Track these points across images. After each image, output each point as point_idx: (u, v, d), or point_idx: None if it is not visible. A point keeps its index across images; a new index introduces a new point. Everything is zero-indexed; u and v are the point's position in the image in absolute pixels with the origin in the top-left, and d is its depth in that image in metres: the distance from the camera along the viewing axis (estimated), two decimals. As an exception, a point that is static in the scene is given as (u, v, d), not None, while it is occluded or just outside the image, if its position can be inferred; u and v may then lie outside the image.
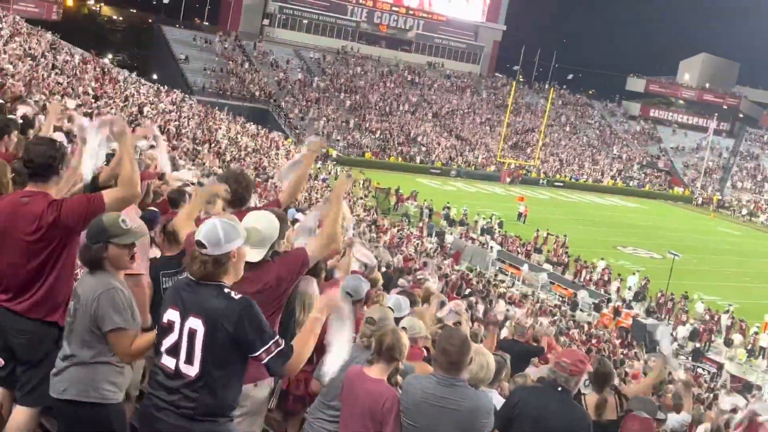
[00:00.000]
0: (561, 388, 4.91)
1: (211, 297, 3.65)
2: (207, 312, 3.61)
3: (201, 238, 3.70)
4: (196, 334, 3.60)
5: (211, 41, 71.31)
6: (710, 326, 31.40)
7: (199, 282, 3.70)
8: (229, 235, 3.73)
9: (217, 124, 41.58)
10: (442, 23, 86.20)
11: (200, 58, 68.11)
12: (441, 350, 4.33)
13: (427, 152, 66.60)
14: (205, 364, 3.61)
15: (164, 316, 3.74)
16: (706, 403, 15.76)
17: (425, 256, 29.10)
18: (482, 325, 11.12)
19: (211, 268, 3.68)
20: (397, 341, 4.54)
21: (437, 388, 4.29)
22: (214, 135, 36.67)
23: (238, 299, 3.64)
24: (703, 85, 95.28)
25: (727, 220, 66.83)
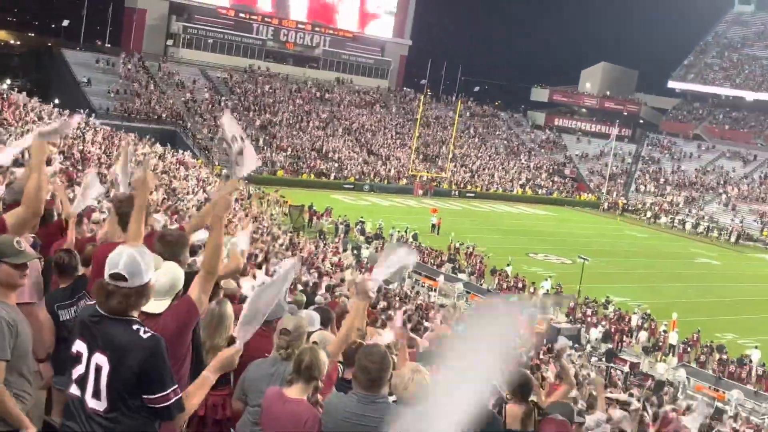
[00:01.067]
0: None
1: (120, 333, 3.49)
2: (113, 348, 3.47)
3: (121, 271, 3.51)
4: (102, 370, 3.48)
5: (114, 63, 69.86)
6: (622, 327, 32.22)
7: (109, 316, 3.52)
8: (148, 264, 3.61)
9: (123, 147, 40.72)
10: (349, 39, 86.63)
11: (103, 81, 66.62)
12: (360, 368, 4.24)
13: (339, 168, 66.66)
14: (113, 402, 3.49)
15: (73, 346, 3.59)
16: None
17: (342, 272, 29.06)
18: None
19: (133, 300, 3.53)
20: (315, 359, 4.48)
21: (358, 406, 4.22)
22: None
23: (148, 337, 3.50)
24: (604, 93, 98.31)
25: (632, 223, 68.91)
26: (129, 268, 3.52)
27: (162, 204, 25.77)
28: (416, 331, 15.50)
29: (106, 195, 13.65)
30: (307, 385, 4.46)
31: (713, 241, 63.59)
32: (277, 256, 25.03)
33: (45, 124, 27.72)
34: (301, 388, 4.44)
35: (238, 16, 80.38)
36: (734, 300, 40.29)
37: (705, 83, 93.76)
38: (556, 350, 9.80)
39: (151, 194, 5.29)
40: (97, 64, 68.86)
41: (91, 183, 7.07)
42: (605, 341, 30.95)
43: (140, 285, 3.54)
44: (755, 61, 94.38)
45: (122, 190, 5.55)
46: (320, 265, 28.61)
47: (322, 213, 46.47)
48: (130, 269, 3.52)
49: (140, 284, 3.54)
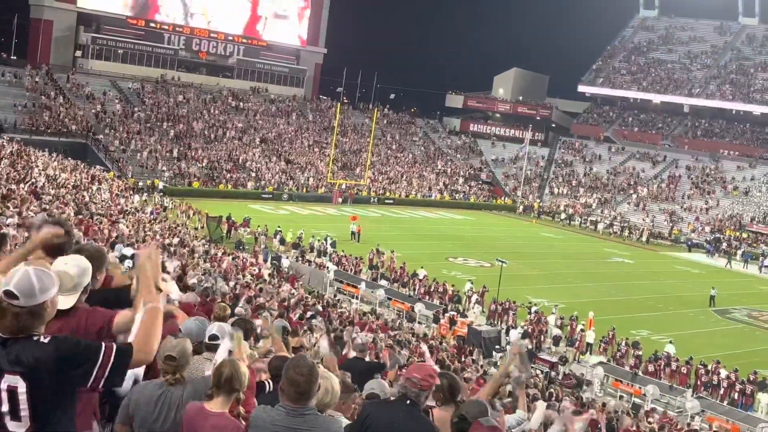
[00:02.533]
0: (410, 401, 4.95)
1: (26, 350, 3.38)
2: (24, 366, 3.35)
3: (12, 288, 3.38)
4: (17, 391, 3.35)
5: (21, 76, 67.75)
6: (539, 327, 32.76)
7: (7, 337, 3.40)
8: (44, 283, 3.45)
9: (32, 161, 39.50)
10: (263, 48, 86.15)
11: (9, 94, 64.53)
12: (289, 380, 4.18)
13: (257, 178, 66.11)
14: (36, 418, 3.38)
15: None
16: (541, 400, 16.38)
17: (263, 283, 28.80)
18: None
19: (25, 321, 3.40)
20: (235, 371, 4.42)
21: (287, 419, 4.16)
22: (30, 173, 34.81)
23: (48, 341, 3.41)
24: (517, 98, 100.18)
25: (548, 225, 70.36)
26: (20, 286, 3.40)
27: (74, 218, 25.10)
28: (339, 339, 15.47)
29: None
30: (229, 398, 4.39)
31: (626, 241, 65.40)
32: (194, 269, 24.66)
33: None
34: (223, 401, 4.38)
35: (148, 26, 79.03)
36: (647, 297, 41.49)
37: (613, 87, 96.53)
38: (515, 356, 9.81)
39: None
40: (3, 77, 66.69)
41: None
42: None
43: (33, 305, 3.42)
44: (660, 65, 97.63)
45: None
46: (240, 277, 28.31)
47: (241, 224, 46.01)
48: (20, 287, 3.39)
49: (33, 304, 3.42)
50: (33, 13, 76.10)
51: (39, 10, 74.91)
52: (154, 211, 43.66)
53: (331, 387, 4.92)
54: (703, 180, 79.23)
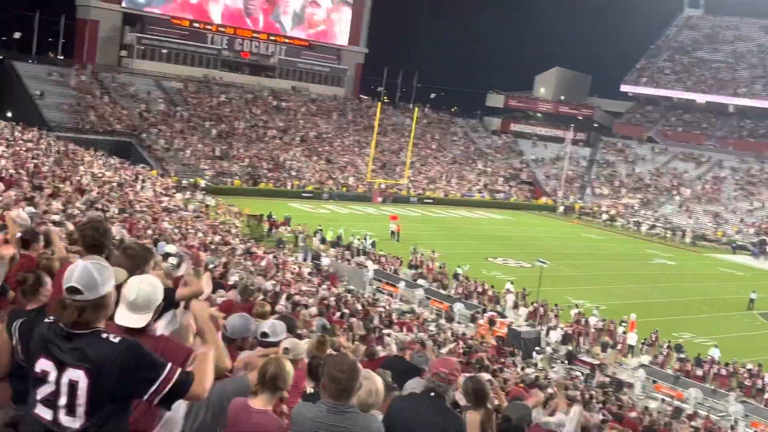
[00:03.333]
0: (434, 394, 4.99)
1: (92, 346, 3.45)
2: (89, 361, 3.41)
3: (75, 284, 3.48)
4: (78, 385, 3.41)
5: (67, 75, 68.92)
6: (581, 329, 32.53)
7: (75, 331, 3.48)
8: (104, 275, 3.55)
9: (78, 160, 40.17)
10: (305, 48, 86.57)
11: (56, 93, 65.69)
12: (330, 378, 4.24)
13: (297, 177, 66.48)
14: (91, 416, 3.44)
15: (36, 365, 3.52)
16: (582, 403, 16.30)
17: (304, 281, 28.98)
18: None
19: (89, 314, 3.49)
20: (280, 370, 4.48)
21: (327, 416, 4.21)
22: (76, 171, 35.39)
23: (119, 341, 3.47)
24: (559, 98, 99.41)
25: (589, 226, 69.73)
26: (82, 281, 3.49)
27: (119, 215, 25.49)
28: (380, 338, 15.56)
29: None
30: (273, 396, 4.46)
31: (668, 242, 64.59)
32: (236, 266, 24.90)
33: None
34: (267, 399, 4.44)
35: (192, 26, 79.85)
36: (691, 299, 40.95)
37: (657, 86, 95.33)
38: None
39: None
40: (50, 76, 67.89)
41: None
42: (565, 343, 31.25)
43: (96, 298, 3.51)
44: (705, 64, 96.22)
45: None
46: (280, 275, 28.50)
47: (281, 222, 46.31)
48: (83, 281, 3.49)
49: (96, 297, 3.51)
50: (80, 14, 77.30)
51: (85, 10, 76.08)
52: (198, 209, 44.12)
53: (375, 388, 4.94)
54: (748, 181, 77.94)
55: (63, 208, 19.65)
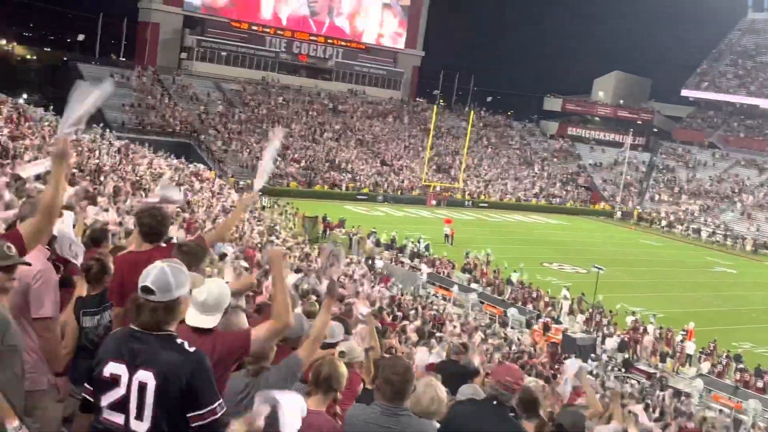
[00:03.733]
0: (496, 401, 4.93)
1: (164, 349, 3.47)
2: (159, 365, 3.43)
3: (149, 284, 3.51)
4: (147, 387, 3.42)
5: (129, 77, 70.31)
6: (637, 337, 32.01)
7: (148, 332, 3.51)
8: (179, 279, 3.58)
9: (138, 159, 40.91)
10: (362, 51, 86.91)
11: (118, 94, 66.91)
12: (384, 379, 4.25)
13: (352, 179, 66.73)
14: (156, 420, 3.44)
15: (105, 369, 3.51)
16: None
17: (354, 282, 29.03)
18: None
19: (161, 316, 3.52)
20: (334, 371, 4.48)
21: (381, 418, 4.21)
22: (136, 171, 36.05)
23: (193, 351, 3.50)
24: (617, 102, 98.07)
25: (647, 232, 68.60)
26: (157, 282, 3.52)
27: (176, 217, 25.86)
28: (429, 341, 15.49)
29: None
30: (326, 397, 4.45)
31: (729, 250, 63.21)
32: (291, 267, 25.05)
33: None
34: (320, 400, 4.44)
35: (250, 28, 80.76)
36: (751, 308, 40.00)
37: (719, 91, 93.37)
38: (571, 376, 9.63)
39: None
40: (112, 77, 69.12)
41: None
42: (621, 351, 30.78)
43: (169, 300, 3.54)
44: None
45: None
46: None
47: (336, 224, 46.52)
48: (158, 283, 3.52)
49: (169, 299, 3.54)
50: (141, 16, 78.85)
51: (147, 13, 77.57)
52: (254, 210, 44.54)
53: (437, 395, 4.90)
54: (813, 189, 75.92)
55: (122, 207, 19.99)
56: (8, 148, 19.63)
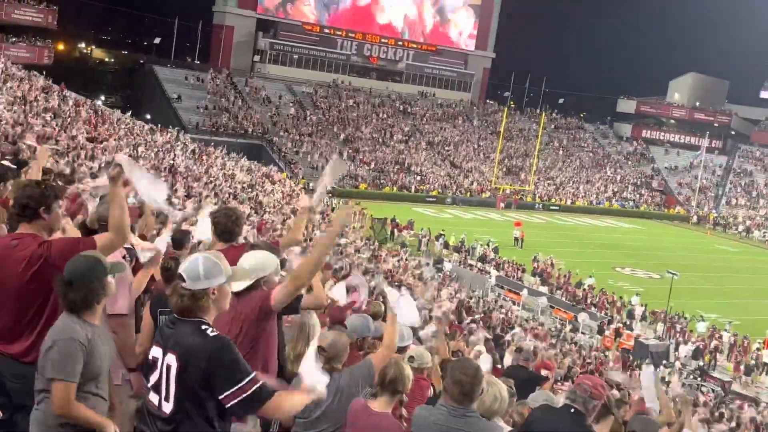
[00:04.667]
0: (574, 409, 4.88)
1: (188, 333, 3.61)
2: (181, 348, 3.58)
3: (182, 271, 3.71)
4: (171, 369, 3.57)
5: (203, 79, 71.64)
6: (714, 344, 31.25)
7: (180, 318, 3.68)
8: (210, 271, 3.72)
9: (211, 160, 41.65)
10: (432, 53, 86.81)
11: (192, 97, 68.38)
12: (453, 380, 4.25)
13: (421, 181, 66.72)
14: (179, 401, 3.56)
15: (150, 352, 3.74)
16: (711, 421, 15.66)
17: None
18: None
19: (187, 302, 3.67)
20: (399, 373, 4.49)
21: (449, 419, 4.21)
22: (209, 172, 36.74)
23: (213, 336, 3.60)
24: (694, 104, 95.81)
25: (723, 237, 66.91)
26: (188, 271, 3.70)
27: (248, 218, 26.24)
28: (498, 343, 15.41)
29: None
30: (392, 399, 4.47)
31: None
32: (358, 268, 25.17)
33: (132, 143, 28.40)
34: (386, 402, 4.46)
35: (322, 31, 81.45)
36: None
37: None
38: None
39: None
40: (187, 80, 70.76)
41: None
42: (695, 358, 30.08)
43: (197, 289, 3.67)
44: None
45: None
46: (402, 278, 28.65)
47: (404, 226, 46.57)
48: (188, 272, 3.70)
49: (196, 288, 3.67)
50: (216, 20, 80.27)
51: (221, 16, 78.93)
52: (324, 212, 44.89)
53: (499, 394, 4.89)
54: None
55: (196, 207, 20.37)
56: (86, 149, 20.17)
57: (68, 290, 3.89)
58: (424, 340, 7.80)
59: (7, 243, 4.43)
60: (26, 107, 27.82)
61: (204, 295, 3.68)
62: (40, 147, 7.34)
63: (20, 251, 4.33)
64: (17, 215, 4.53)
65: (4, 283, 4.31)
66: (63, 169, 11.53)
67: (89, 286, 3.91)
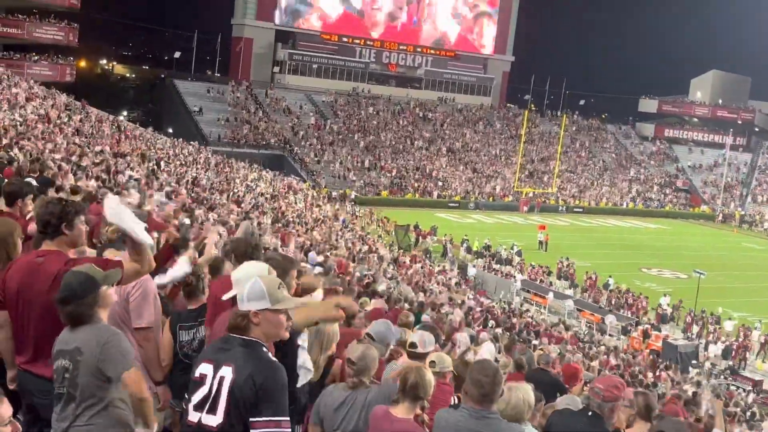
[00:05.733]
0: (592, 412, 4.86)
1: (247, 351, 3.65)
2: (239, 362, 3.59)
3: (236, 292, 3.87)
4: (224, 381, 3.58)
5: (224, 92, 72.10)
6: (744, 343, 30.93)
7: (236, 337, 3.71)
8: (253, 294, 3.75)
9: (234, 172, 41.90)
10: (451, 58, 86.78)
11: (213, 109, 68.83)
12: (473, 382, 4.26)
13: (444, 187, 66.65)
14: (228, 415, 3.56)
15: (197, 370, 3.72)
16: (742, 420, 15.52)
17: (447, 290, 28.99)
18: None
19: (235, 320, 3.75)
20: (421, 379, 4.48)
21: (470, 421, 4.22)
22: (232, 184, 36.95)
23: (273, 361, 3.66)
24: (716, 102, 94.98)
25: (750, 235, 66.25)
26: (246, 292, 3.77)
27: (272, 227, 26.33)
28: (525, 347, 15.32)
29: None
30: (414, 404, 4.47)
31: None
32: (384, 275, 25.19)
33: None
34: (407, 408, 4.45)
35: (341, 40, 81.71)
36: None
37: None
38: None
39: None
40: (208, 93, 71.24)
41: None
42: (725, 358, 29.78)
43: (242, 311, 3.74)
44: None
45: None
46: (427, 285, 28.63)
47: (428, 232, 46.53)
48: (243, 293, 3.77)
49: (243, 310, 3.74)
50: (235, 32, 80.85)
51: (240, 29, 79.48)
52: (347, 219, 45.02)
53: (525, 397, 4.87)
54: None
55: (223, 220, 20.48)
56: (110, 166, 20.34)
57: (64, 307, 3.91)
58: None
59: (32, 260, 4.44)
60: (49, 125, 28.13)
61: (244, 317, 3.74)
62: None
63: (47, 268, 4.34)
64: (40, 232, 4.57)
65: (31, 301, 4.33)
66: (88, 186, 11.65)
67: (82, 301, 3.91)
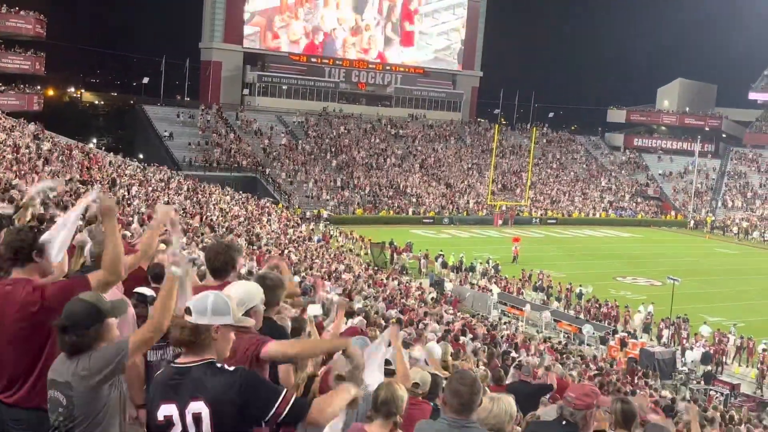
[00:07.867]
0: (565, 421, 4.85)
1: (207, 376, 3.53)
2: (207, 392, 3.48)
3: (190, 305, 3.65)
4: (201, 416, 3.47)
5: (194, 116, 71.86)
6: (720, 348, 31.15)
7: (186, 365, 3.59)
8: (218, 309, 3.66)
9: (206, 196, 41.71)
10: (420, 75, 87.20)
11: (184, 134, 68.55)
12: (452, 391, 4.24)
13: (418, 203, 66.78)
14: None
15: (158, 413, 3.56)
16: (720, 425, 15.60)
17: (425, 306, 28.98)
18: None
19: (187, 335, 3.60)
20: (391, 395, 4.43)
21: (450, 431, 4.21)
22: (204, 208, 36.79)
23: (233, 370, 3.55)
24: (683, 110, 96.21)
25: (722, 240, 66.93)
26: (196, 304, 3.66)
27: (246, 248, 26.23)
28: (504, 362, 15.35)
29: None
30: (387, 421, 4.43)
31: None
32: (360, 293, 25.16)
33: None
34: (381, 424, 4.41)
35: (309, 61, 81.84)
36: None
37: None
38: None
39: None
40: (178, 117, 70.97)
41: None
42: (704, 363, 29.96)
43: (200, 324, 3.62)
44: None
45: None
46: (404, 301, 28.61)
47: (403, 249, 46.55)
48: (196, 305, 3.66)
49: (201, 323, 3.62)
50: (203, 56, 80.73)
51: (208, 52, 79.40)
52: (322, 238, 44.95)
53: (508, 408, 4.86)
54: None
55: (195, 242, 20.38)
56: (79, 194, 20.19)
57: (65, 335, 3.79)
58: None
59: (1, 288, 4.39)
60: (18, 155, 27.89)
61: (205, 332, 3.61)
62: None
63: (15, 296, 4.27)
64: (9, 260, 4.50)
65: (0, 331, 4.30)
66: (54, 214, 11.52)
67: (86, 331, 3.80)
